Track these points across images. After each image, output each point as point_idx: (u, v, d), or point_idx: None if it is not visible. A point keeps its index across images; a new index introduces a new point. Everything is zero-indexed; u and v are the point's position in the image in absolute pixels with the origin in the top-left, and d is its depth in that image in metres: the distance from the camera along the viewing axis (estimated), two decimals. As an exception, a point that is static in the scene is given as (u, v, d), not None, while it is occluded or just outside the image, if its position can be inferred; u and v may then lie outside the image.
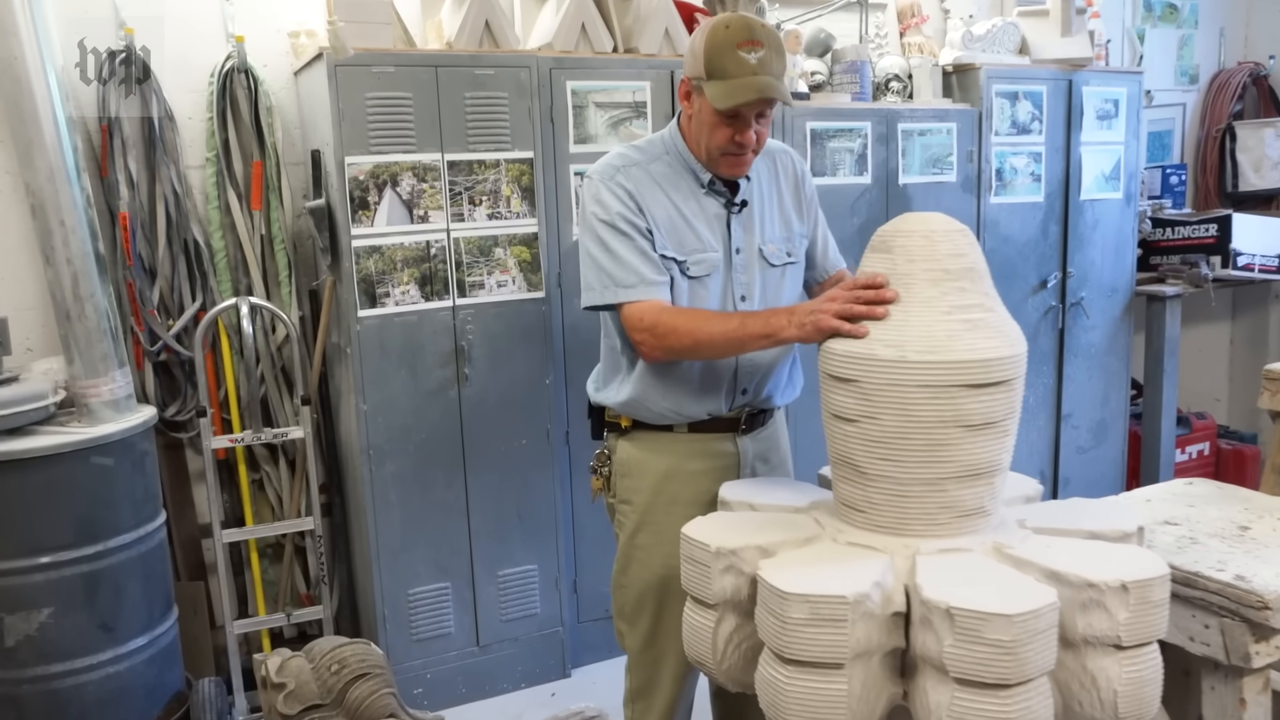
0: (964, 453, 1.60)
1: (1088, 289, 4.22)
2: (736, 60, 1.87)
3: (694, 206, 2.05)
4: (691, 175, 2.06)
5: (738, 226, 2.08)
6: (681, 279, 2.01)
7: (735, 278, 2.07)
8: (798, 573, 1.54)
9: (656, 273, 1.98)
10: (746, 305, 2.07)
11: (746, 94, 1.87)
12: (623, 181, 2.01)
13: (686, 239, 2.02)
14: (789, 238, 2.16)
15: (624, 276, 1.97)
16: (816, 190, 2.26)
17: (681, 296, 2.01)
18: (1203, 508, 2.37)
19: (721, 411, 2.08)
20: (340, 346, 3.10)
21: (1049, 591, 1.45)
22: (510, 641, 3.30)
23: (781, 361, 2.15)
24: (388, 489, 3.05)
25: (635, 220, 1.98)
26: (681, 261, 2.01)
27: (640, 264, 1.97)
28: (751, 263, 2.08)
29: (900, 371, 1.57)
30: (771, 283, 2.11)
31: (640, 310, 1.95)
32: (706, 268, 2.03)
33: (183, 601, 3.14)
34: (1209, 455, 4.81)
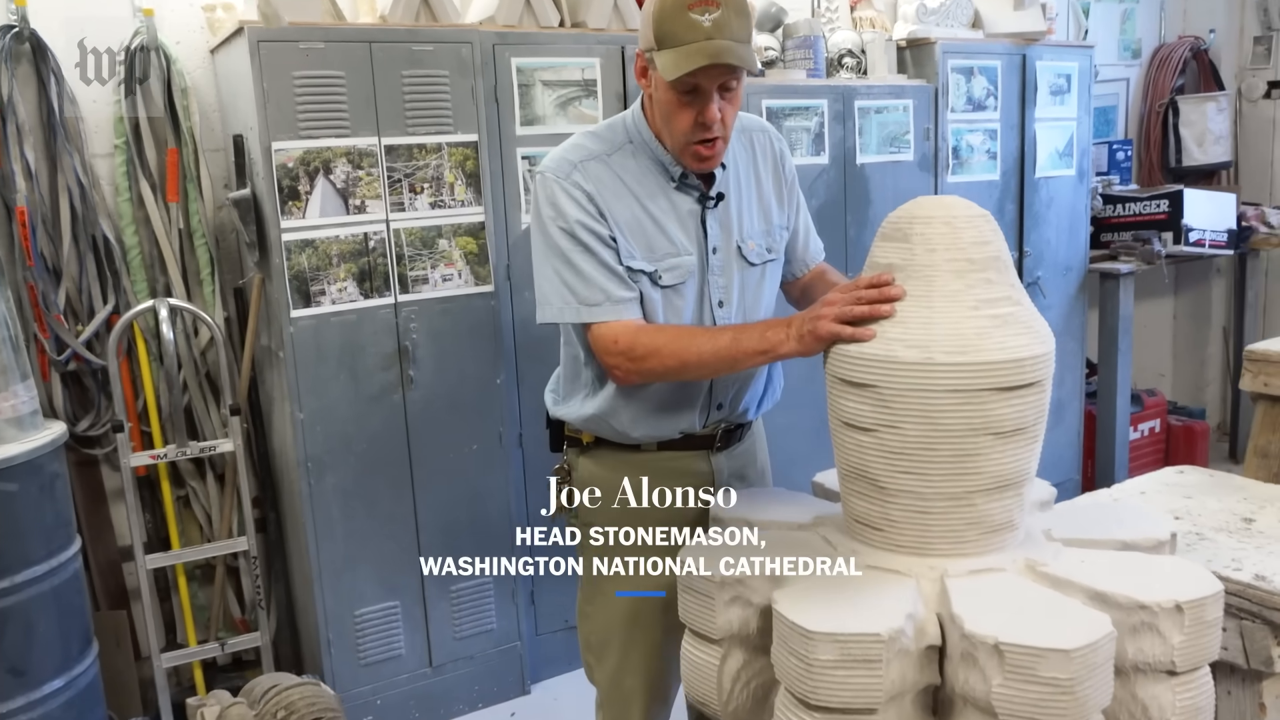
0: (993, 462, 1.44)
1: (1044, 268, 4.15)
2: (687, 23, 1.62)
3: (664, 204, 1.81)
4: (660, 168, 1.81)
5: (714, 223, 1.85)
6: (652, 290, 1.79)
7: (712, 281, 1.85)
8: (820, 606, 1.37)
9: (624, 288, 1.75)
10: (724, 311, 1.85)
11: (696, 59, 1.61)
12: (580, 181, 1.76)
13: (657, 243, 1.79)
14: (769, 231, 1.93)
15: (588, 294, 1.74)
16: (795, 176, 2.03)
17: (654, 309, 1.79)
18: (1201, 499, 2.27)
19: (695, 429, 1.88)
20: (272, 350, 2.85)
21: (1102, 619, 1.31)
22: (465, 660, 3.09)
23: (755, 379, 1.95)
24: (328, 503, 2.80)
25: (597, 228, 1.75)
26: (652, 271, 1.78)
27: (605, 280, 1.74)
28: (729, 263, 1.86)
29: (926, 375, 1.41)
30: (751, 284, 1.90)
31: (613, 332, 1.73)
32: (681, 274, 1.81)
33: (103, 633, 2.86)
34: (1160, 432, 4.79)
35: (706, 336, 1.71)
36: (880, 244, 1.53)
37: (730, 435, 1.93)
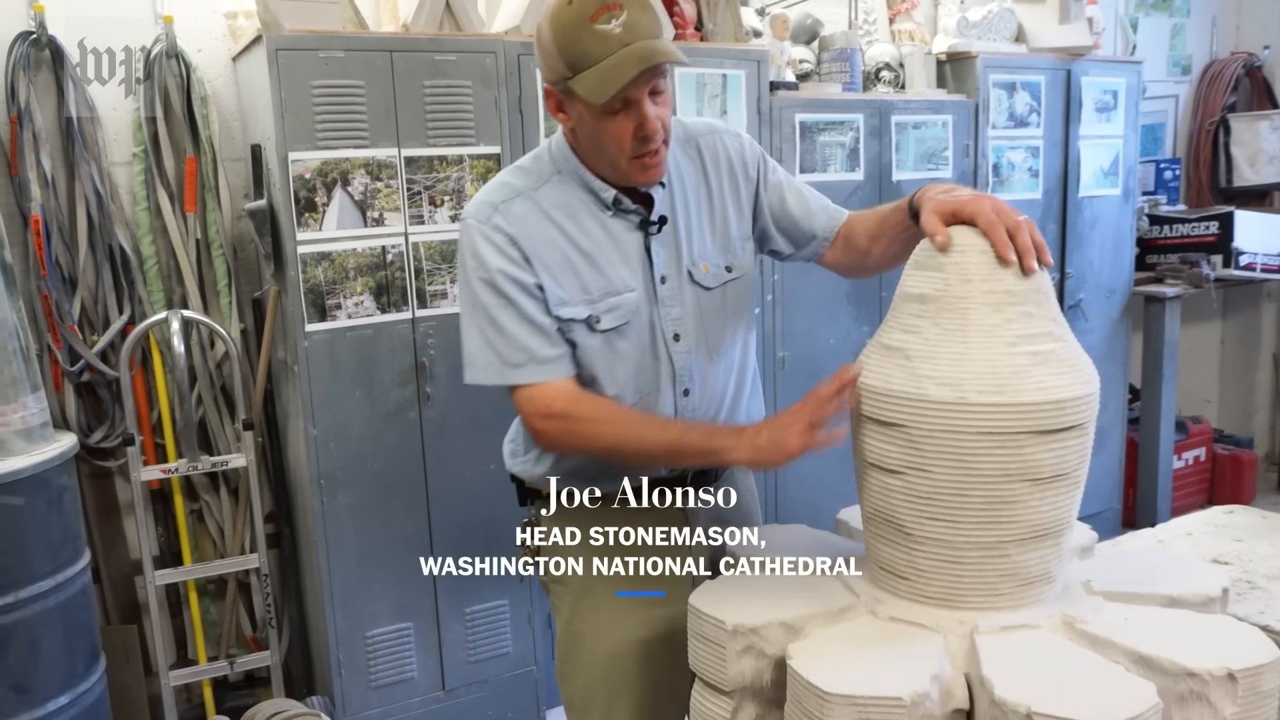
0: (1030, 510, 1.34)
1: (1086, 290, 4.01)
2: (596, 37, 1.47)
3: (600, 236, 1.64)
4: (591, 196, 1.64)
5: (659, 249, 1.67)
6: (589, 337, 1.63)
7: (663, 314, 1.67)
8: (837, 663, 1.27)
9: (550, 345, 1.60)
10: (681, 345, 1.69)
11: (625, 70, 1.46)
12: (501, 224, 1.60)
13: (593, 282, 1.62)
14: (727, 248, 1.74)
15: (510, 353, 1.59)
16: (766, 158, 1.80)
17: (593, 357, 1.64)
18: (1251, 543, 2.14)
19: (660, 474, 1.74)
20: (287, 364, 2.79)
21: (1147, 688, 1.19)
22: (479, 684, 3.00)
23: (733, 403, 1.80)
24: (341, 522, 2.74)
25: (521, 276, 1.59)
26: (587, 317, 1.62)
27: (529, 336, 1.59)
28: (681, 290, 1.69)
29: (958, 416, 1.30)
30: (710, 311, 1.72)
31: (545, 395, 1.60)
32: (623, 314, 1.64)
33: (113, 648, 2.82)
34: (1205, 461, 4.62)
35: (653, 425, 1.61)
36: (911, 272, 1.43)
37: (703, 474, 1.79)
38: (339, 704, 2.81)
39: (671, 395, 1.70)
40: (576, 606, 1.79)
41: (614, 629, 1.75)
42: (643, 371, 1.69)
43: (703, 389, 1.73)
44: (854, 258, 1.81)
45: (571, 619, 1.80)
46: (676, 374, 1.70)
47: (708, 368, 1.73)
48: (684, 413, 1.71)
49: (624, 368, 1.67)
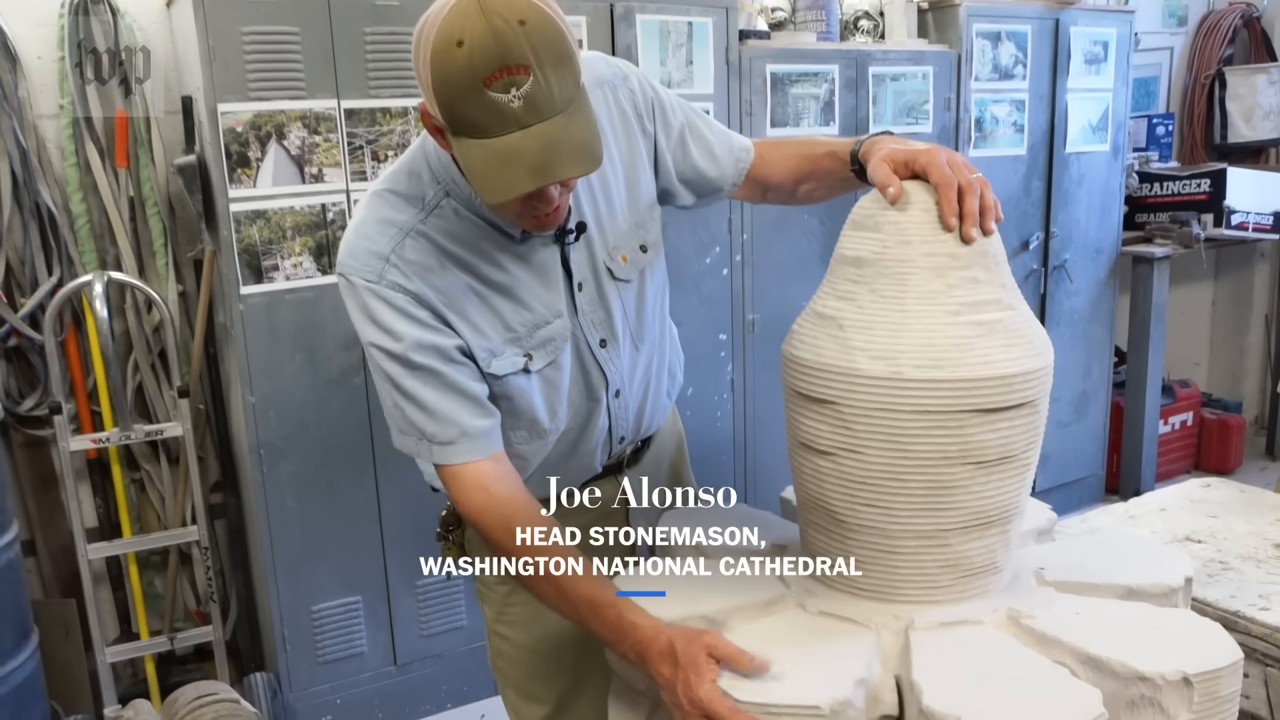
0: (973, 496, 1.22)
1: (1071, 251, 3.87)
2: (488, 107, 1.12)
3: (514, 267, 1.38)
4: (490, 226, 1.36)
5: (576, 256, 1.44)
6: (525, 380, 1.41)
7: (584, 322, 1.46)
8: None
9: (480, 414, 1.36)
10: (608, 351, 1.49)
11: (516, 181, 1.15)
12: (400, 281, 1.31)
13: (517, 318, 1.39)
14: (639, 223, 1.50)
15: (437, 430, 1.34)
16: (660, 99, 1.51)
17: (533, 399, 1.43)
18: (1227, 519, 2.03)
19: (596, 471, 1.60)
20: (227, 328, 2.66)
21: (1092, 696, 1.08)
22: (433, 659, 2.91)
23: (654, 388, 1.63)
24: (283, 493, 2.62)
25: (439, 343, 1.33)
26: (524, 364, 1.40)
27: (457, 409, 1.34)
28: (601, 291, 1.47)
29: (893, 393, 1.18)
30: (630, 302, 1.51)
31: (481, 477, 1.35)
32: (556, 346, 1.43)
33: (50, 623, 2.72)
34: (1192, 426, 4.51)
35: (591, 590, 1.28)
36: (849, 233, 1.29)
37: (638, 452, 1.66)
38: (284, 680, 2.72)
39: (604, 402, 1.54)
40: (508, 595, 1.66)
41: (542, 625, 1.61)
42: (575, 391, 1.50)
43: (631, 383, 1.57)
44: (773, 195, 1.62)
45: (503, 609, 1.67)
46: (609, 381, 1.52)
47: (634, 359, 1.56)
48: (616, 413, 1.56)
49: (559, 397, 1.48)
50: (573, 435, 1.53)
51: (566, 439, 1.53)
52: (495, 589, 1.65)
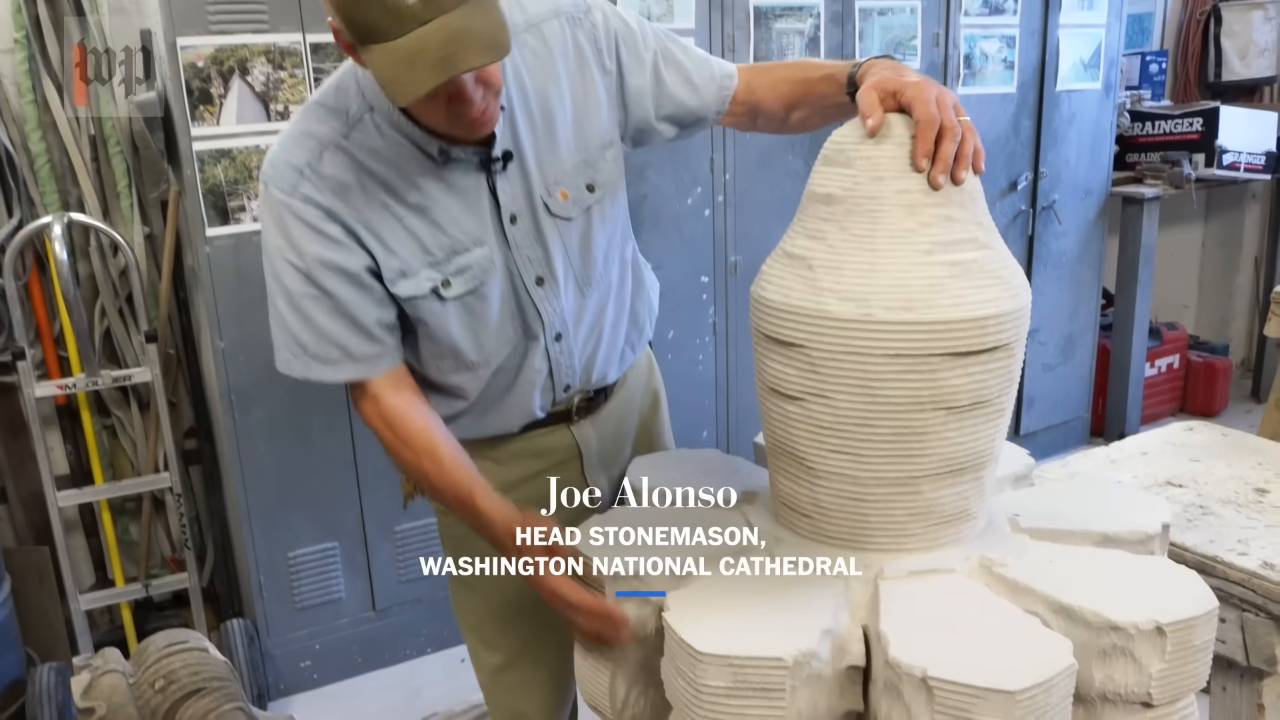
0: (944, 443, 1.18)
1: (1060, 191, 3.81)
2: (384, 8, 1.09)
3: (433, 190, 1.35)
4: (413, 146, 1.33)
5: (506, 186, 1.38)
6: (440, 306, 1.38)
7: (519, 257, 1.41)
8: (718, 617, 1.12)
9: (368, 342, 1.35)
10: (545, 290, 1.45)
11: (420, 78, 1.12)
12: (312, 194, 1.30)
13: (434, 242, 1.36)
14: (587, 161, 1.44)
15: (320, 350, 1.34)
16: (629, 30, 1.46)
17: (453, 329, 1.40)
18: (1209, 463, 2.01)
19: (538, 416, 1.55)
20: (194, 271, 2.60)
21: (1062, 646, 1.05)
22: (412, 604, 2.90)
23: (616, 321, 1.57)
24: (255, 439, 2.58)
25: (343, 263, 1.31)
26: (435, 287, 1.37)
27: (344, 334, 1.33)
28: (538, 226, 1.42)
29: (863, 335, 1.13)
30: (574, 241, 1.46)
31: (370, 391, 1.37)
32: (476, 274, 1.38)
33: (22, 571, 2.69)
34: (1179, 369, 4.49)
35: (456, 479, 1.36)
36: (820, 169, 1.24)
37: (592, 402, 1.60)
38: (262, 627, 2.71)
39: (542, 343, 1.48)
40: (466, 535, 1.62)
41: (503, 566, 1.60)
42: (506, 326, 1.46)
43: (576, 327, 1.51)
44: (765, 122, 1.57)
45: (459, 548, 1.63)
46: (545, 321, 1.47)
47: (580, 304, 1.50)
48: (558, 357, 1.50)
49: (485, 329, 1.44)
50: (509, 374, 1.49)
51: (502, 377, 1.49)
52: (452, 531, 1.63)
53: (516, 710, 1.68)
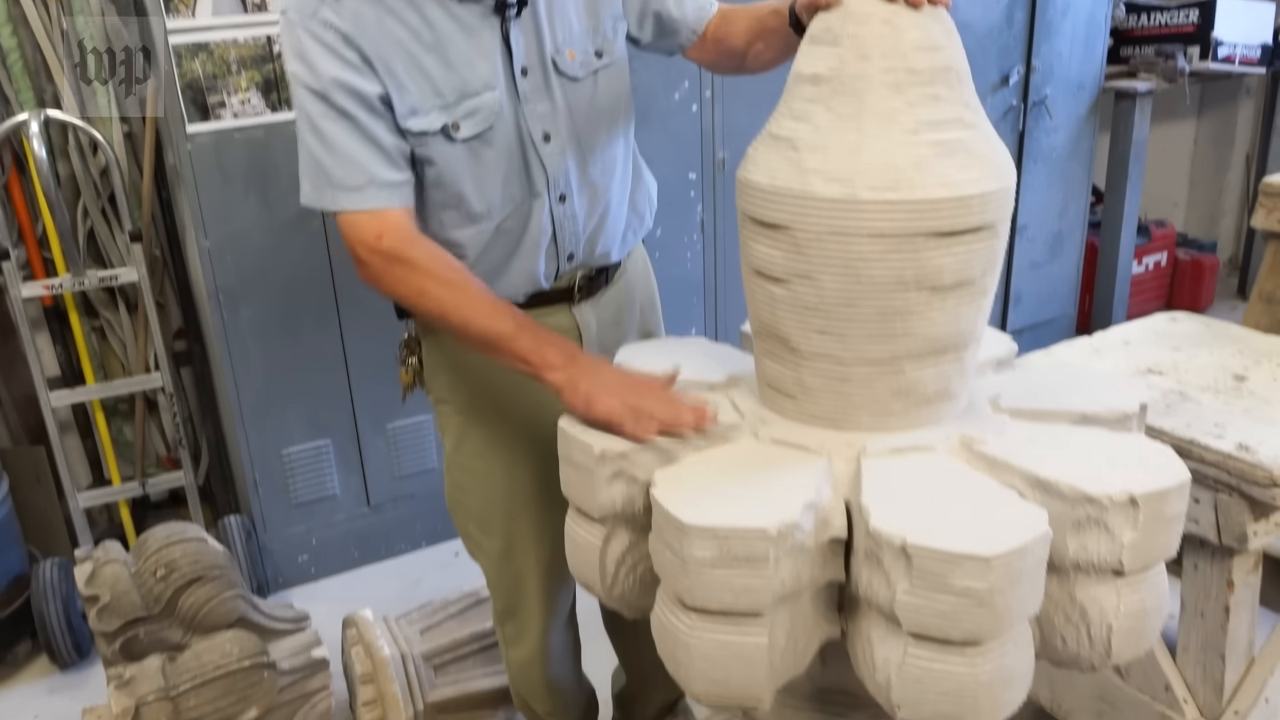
0: (927, 323, 1.19)
1: (1052, 85, 3.75)
2: None
3: (447, 28, 1.39)
4: None
5: (519, 36, 1.44)
6: (449, 147, 1.42)
7: (528, 111, 1.46)
8: (704, 492, 1.15)
9: (392, 168, 1.38)
10: (551, 146, 1.49)
11: None
12: (331, 19, 1.33)
13: (446, 83, 1.40)
14: (595, 29, 1.51)
15: (345, 175, 1.36)
16: None
17: (458, 172, 1.44)
18: (1190, 351, 2.04)
19: (543, 287, 1.58)
20: (176, 169, 2.57)
21: (1037, 516, 1.09)
22: (406, 500, 2.95)
23: (619, 200, 1.61)
24: (245, 338, 2.59)
25: (360, 86, 1.35)
26: (445, 126, 1.40)
27: (368, 156, 1.37)
28: (547, 82, 1.47)
29: (847, 215, 1.14)
30: (580, 104, 1.51)
31: (377, 226, 1.37)
32: (485, 118, 1.42)
33: (20, 470, 2.72)
34: (1166, 266, 4.50)
35: (491, 308, 1.37)
36: (806, 49, 1.22)
37: (593, 282, 1.64)
38: (259, 522, 2.76)
39: (546, 202, 1.52)
40: (466, 425, 1.67)
41: (508, 444, 1.65)
42: (512, 180, 1.50)
43: (580, 192, 1.55)
44: (726, 59, 1.62)
45: (461, 439, 1.69)
46: (550, 178, 1.51)
47: (585, 169, 1.54)
48: (562, 220, 1.54)
49: (491, 178, 1.48)
50: (513, 236, 1.52)
51: (506, 237, 1.51)
52: (452, 419, 1.66)
53: (519, 594, 1.73)
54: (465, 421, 1.65)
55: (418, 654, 2.12)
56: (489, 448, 1.64)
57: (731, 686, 1.14)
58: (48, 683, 2.53)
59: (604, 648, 2.07)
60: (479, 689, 2.14)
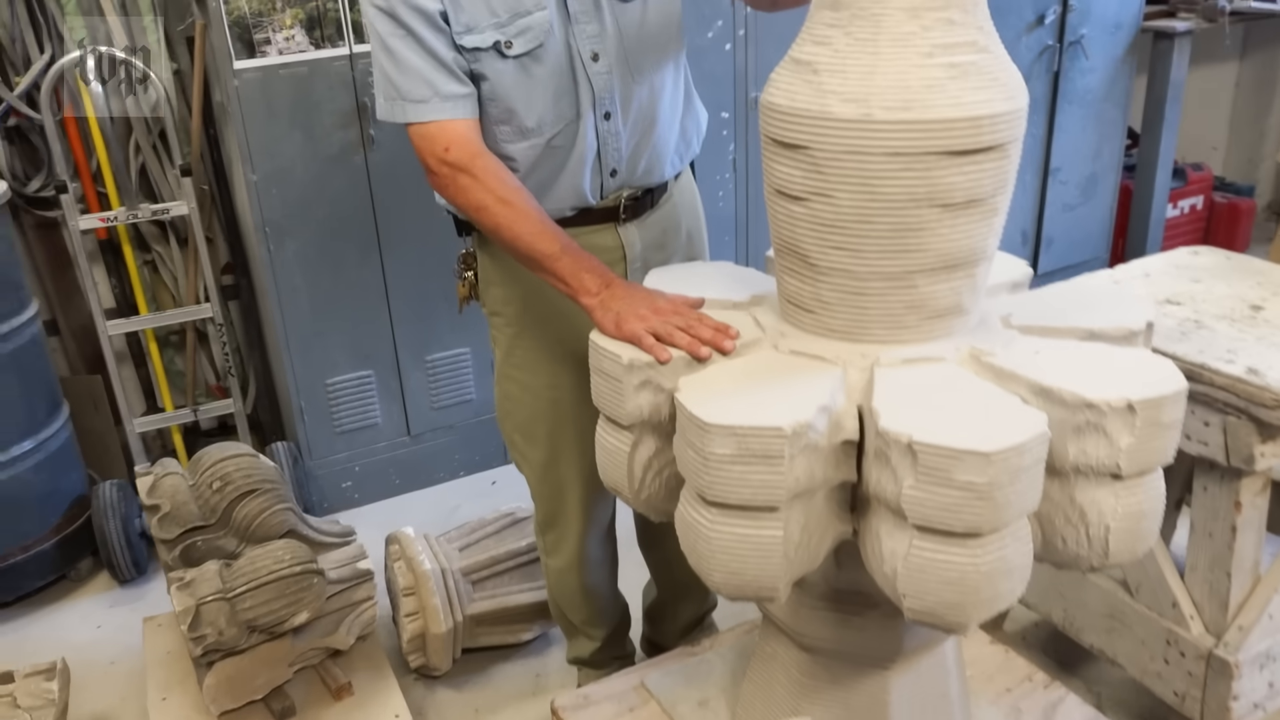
0: (939, 239, 1.25)
1: (1089, 25, 3.73)
2: None
3: None
4: None
5: None
6: (501, 63, 1.52)
7: (578, 31, 1.56)
8: (725, 395, 1.23)
9: (454, 81, 1.50)
10: (599, 65, 1.59)
11: None
12: None
13: (499, 3, 1.50)
14: None
15: (411, 88, 1.50)
16: None
17: (507, 86, 1.54)
18: (1209, 283, 2.07)
19: (589, 203, 1.67)
20: (225, 106, 2.66)
21: (1037, 417, 1.16)
22: (445, 430, 3.06)
23: (666, 124, 1.69)
24: (291, 271, 2.69)
25: (420, 3, 1.47)
26: (497, 42, 1.51)
27: (431, 70, 1.49)
28: (597, 5, 1.57)
29: (863, 134, 1.20)
30: (630, 25, 1.59)
31: (445, 137, 1.50)
32: (536, 36, 1.52)
33: (79, 397, 2.86)
34: (1202, 210, 4.48)
35: (540, 229, 1.49)
36: (824, -25, 1.28)
37: (639, 203, 1.73)
38: (304, 449, 2.88)
39: (592, 119, 1.62)
40: (515, 337, 1.77)
41: (553, 358, 1.75)
42: (562, 97, 1.60)
43: (624, 111, 1.64)
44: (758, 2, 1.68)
45: (510, 350, 1.79)
46: (596, 96, 1.60)
47: (630, 89, 1.63)
48: (605, 136, 1.63)
49: (541, 95, 1.57)
50: (562, 152, 1.61)
51: (555, 153, 1.61)
52: (504, 331, 1.76)
53: (560, 504, 1.84)
54: (515, 334, 1.75)
55: (456, 569, 2.23)
56: (535, 360, 1.74)
57: (748, 577, 1.23)
58: (109, 596, 2.68)
59: (637, 570, 2.17)
60: (515, 603, 2.25)
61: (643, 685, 1.81)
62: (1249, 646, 1.80)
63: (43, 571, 2.60)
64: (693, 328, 1.34)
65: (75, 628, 2.57)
